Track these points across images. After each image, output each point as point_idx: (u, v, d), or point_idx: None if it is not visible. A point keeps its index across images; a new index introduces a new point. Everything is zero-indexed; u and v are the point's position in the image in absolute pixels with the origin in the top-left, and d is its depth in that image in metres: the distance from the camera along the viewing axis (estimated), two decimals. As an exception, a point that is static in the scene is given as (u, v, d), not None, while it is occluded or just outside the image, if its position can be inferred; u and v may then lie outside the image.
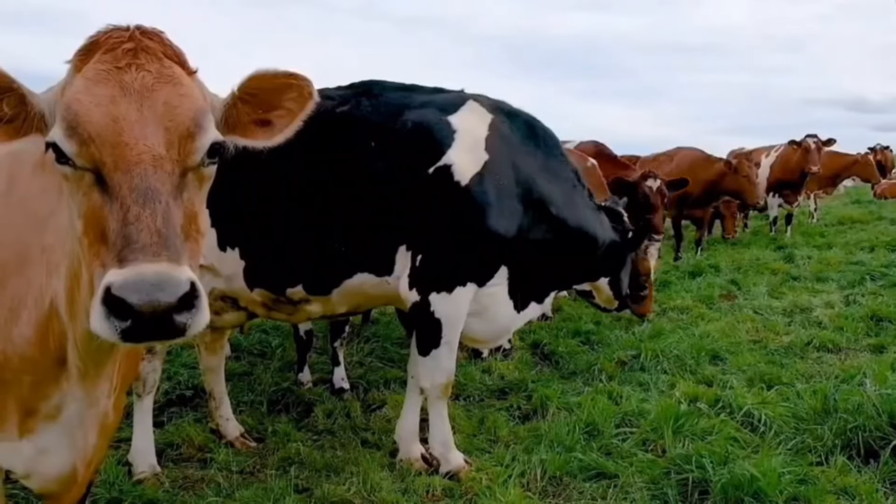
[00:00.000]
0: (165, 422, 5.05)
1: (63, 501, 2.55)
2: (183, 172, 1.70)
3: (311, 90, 1.95)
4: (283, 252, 4.05)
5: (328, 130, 4.09)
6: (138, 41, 1.75)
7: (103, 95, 1.68)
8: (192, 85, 1.80)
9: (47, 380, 2.17)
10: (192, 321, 1.53)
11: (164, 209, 1.58)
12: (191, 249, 1.67)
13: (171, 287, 1.48)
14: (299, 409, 5.38)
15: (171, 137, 1.67)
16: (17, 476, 2.39)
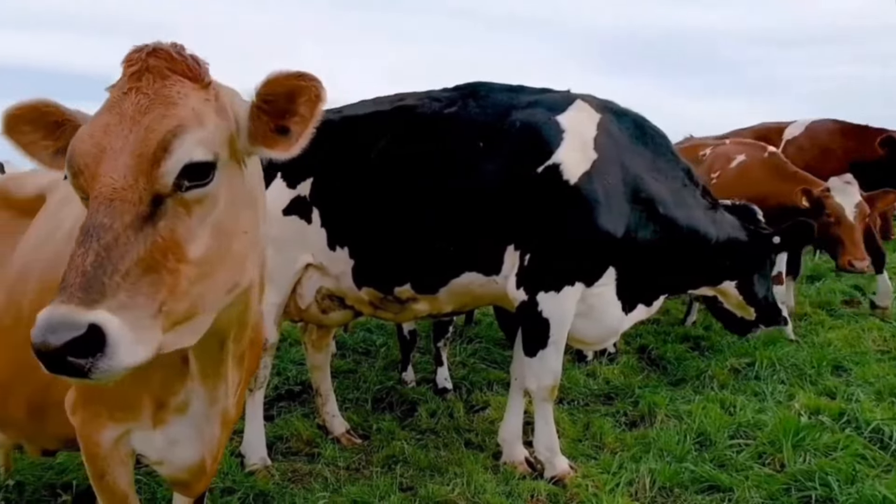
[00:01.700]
0: (275, 416, 5.20)
1: (193, 491, 2.69)
2: (156, 200, 1.62)
3: (318, 92, 1.80)
4: (391, 251, 4.08)
5: (436, 131, 4.10)
6: (143, 62, 1.72)
7: (99, 125, 1.69)
8: (189, 103, 1.70)
9: (174, 376, 2.28)
10: (93, 365, 1.46)
11: (104, 246, 1.53)
12: (157, 281, 1.57)
13: (61, 331, 1.43)
14: (403, 408, 5.42)
15: (141, 165, 1.61)
16: (151, 462, 2.52)
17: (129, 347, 1.50)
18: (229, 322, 2.03)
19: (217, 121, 1.75)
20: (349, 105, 4.58)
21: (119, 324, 1.48)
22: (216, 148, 1.72)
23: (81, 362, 1.45)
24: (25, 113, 1.87)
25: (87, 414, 2.42)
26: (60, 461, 4.15)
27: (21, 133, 1.87)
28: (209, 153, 1.69)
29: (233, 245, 1.77)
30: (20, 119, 1.87)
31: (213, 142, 1.71)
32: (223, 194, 1.74)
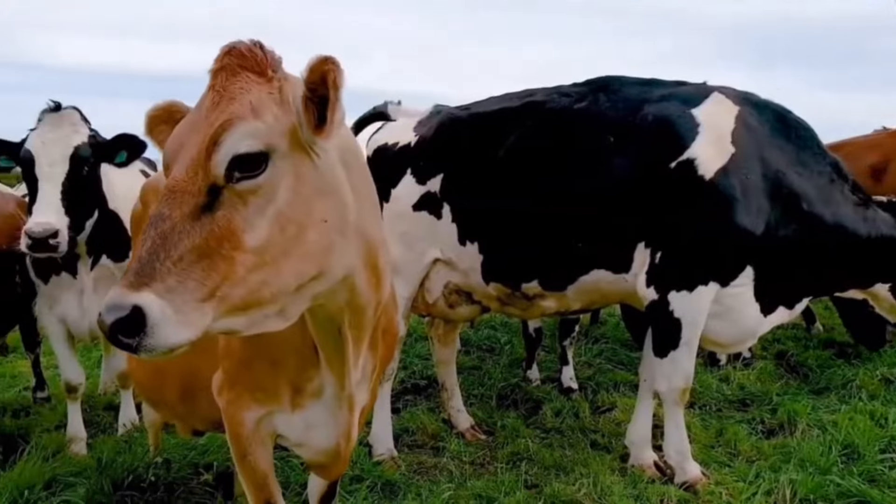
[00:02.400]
0: (401, 409, 5.30)
1: (331, 473, 2.79)
2: (213, 191, 1.69)
3: (334, 77, 1.74)
4: (520, 247, 4.07)
5: (565, 127, 4.06)
6: (220, 61, 1.81)
7: (186, 123, 1.83)
8: (248, 97, 1.76)
9: (307, 363, 2.37)
10: (138, 343, 1.56)
11: (160, 234, 1.62)
12: (210, 267, 1.64)
13: (111, 311, 1.55)
14: (527, 406, 5.39)
15: (200, 157, 1.70)
16: (291, 444, 2.62)
17: (172, 328, 1.57)
18: (339, 309, 2.07)
19: (278, 113, 1.78)
20: (477, 102, 4.61)
21: (161, 306, 1.56)
22: (271, 139, 1.75)
23: (129, 341, 1.55)
24: (160, 114, 2.07)
25: (232, 396, 2.54)
26: (203, 442, 4.40)
27: (159, 132, 2.06)
28: (259, 145, 1.73)
29: (306, 235, 1.80)
30: (156, 120, 2.08)
31: (266, 134, 1.74)
32: (285, 185, 1.77)
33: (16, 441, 4.89)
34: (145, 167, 5.60)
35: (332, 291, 1.97)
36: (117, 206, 4.60)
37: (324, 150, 1.84)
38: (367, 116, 5.11)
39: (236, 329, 1.78)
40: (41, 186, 4.02)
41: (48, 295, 4.75)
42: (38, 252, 3.96)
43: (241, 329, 1.79)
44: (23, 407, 5.99)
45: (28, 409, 5.93)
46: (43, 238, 3.87)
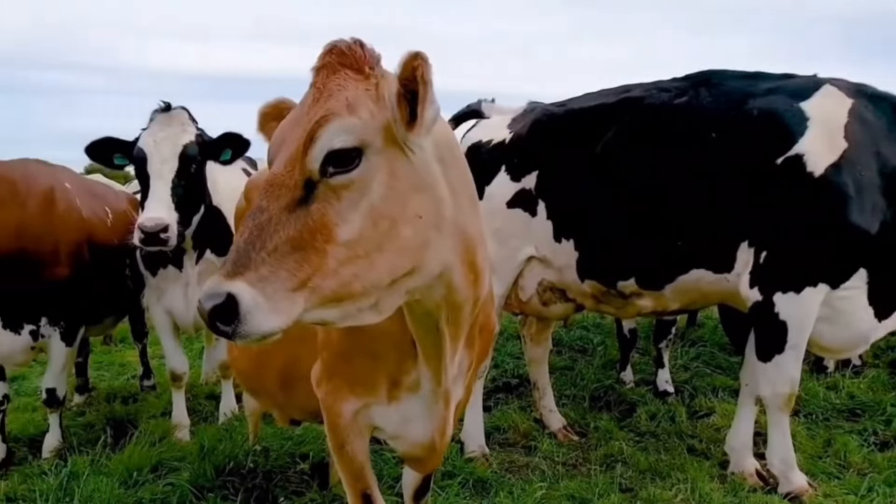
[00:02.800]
0: (492, 407, 5.29)
1: (426, 467, 2.82)
2: (309, 185, 1.72)
3: (423, 72, 1.73)
4: (617, 244, 3.99)
5: (664, 122, 3.95)
6: (322, 59, 1.84)
7: (288, 120, 1.89)
8: (344, 94, 1.78)
9: (406, 356, 2.38)
10: (233, 329, 1.61)
11: (258, 225, 1.67)
12: (302, 259, 1.68)
13: (209, 298, 1.60)
14: (621, 408, 5.29)
15: (297, 153, 1.74)
16: (387, 437, 2.65)
17: (264, 315, 1.62)
18: (436, 305, 2.07)
19: (373, 109, 1.79)
20: (573, 98, 4.55)
21: (253, 294, 1.61)
22: (366, 136, 1.76)
23: (225, 327, 1.60)
24: (270, 111, 2.16)
25: (330, 387, 2.59)
26: (299, 433, 4.51)
27: (269, 128, 2.09)
28: (353, 140, 1.74)
29: (400, 230, 1.80)
30: (267, 116, 2.16)
31: (361, 130, 1.76)
32: (379, 180, 1.78)
33: (125, 426, 5.15)
34: (246, 166, 5.78)
35: (428, 287, 1.97)
36: (220, 202, 4.77)
37: (419, 147, 1.84)
38: (461, 114, 5.12)
39: (330, 320, 1.81)
40: (152, 183, 4.21)
41: (156, 287, 4.97)
42: (150, 246, 4.14)
43: (334, 321, 1.82)
44: (131, 394, 6.31)
45: (136, 397, 6.24)
46: (154, 232, 4.05)
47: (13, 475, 4.41)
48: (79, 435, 5.04)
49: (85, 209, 4.82)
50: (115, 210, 5.31)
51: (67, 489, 3.92)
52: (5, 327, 4.48)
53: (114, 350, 8.10)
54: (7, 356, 4.58)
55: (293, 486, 3.98)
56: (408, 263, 1.84)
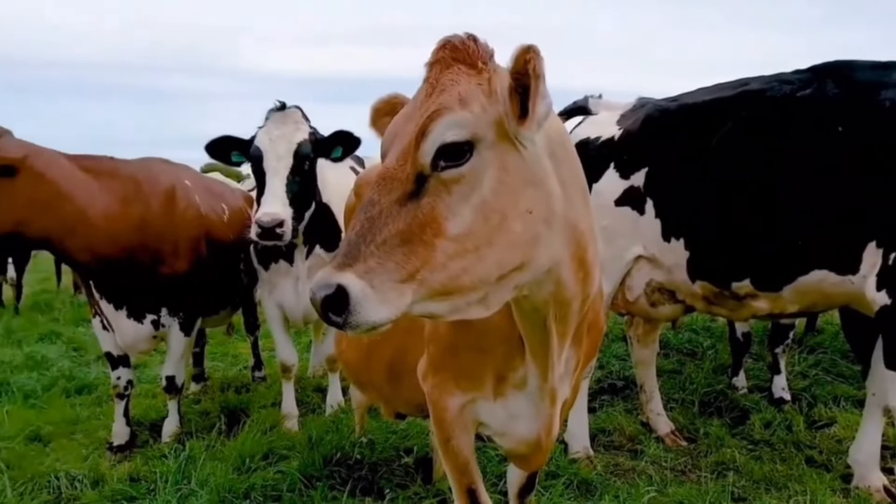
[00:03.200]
0: (597, 408, 5.20)
1: (531, 464, 2.79)
2: (420, 179, 1.74)
3: (535, 65, 1.71)
4: (731, 244, 3.83)
5: (786, 116, 3.76)
6: (435, 54, 1.85)
7: (401, 115, 1.91)
8: (457, 88, 1.78)
9: (513, 353, 2.36)
10: (343, 320, 1.64)
11: (369, 218, 1.70)
12: (411, 252, 1.69)
13: (320, 289, 1.63)
14: (733, 415, 5.08)
15: (408, 148, 1.75)
16: (492, 433, 2.64)
17: (373, 307, 1.64)
18: (544, 301, 2.04)
19: (485, 103, 1.78)
20: (686, 93, 4.40)
21: (362, 286, 1.63)
22: (477, 130, 1.75)
23: (336, 318, 1.64)
24: (383, 107, 2.22)
25: (437, 381, 2.60)
26: (403, 427, 4.56)
27: (382, 124, 2.14)
28: (465, 134, 1.74)
29: (510, 225, 1.78)
30: (380, 112, 2.22)
31: (473, 124, 1.75)
32: (490, 174, 1.77)
33: (238, 414, 5.36)
34: (354, 164, 5.90)
35: (537, 283, 1.95)
36: (329, 199, 4.89)
37: (530, 142, 1.83)
38: (566, 111, 5.05)
39: (438, 314, 1.82)
40: (268, 180, 4.36)
41: (268, 281, 5.15)
42: (266, 240, 4.28)
43: (442, 314, 1.82)
44: (243, 384, 6.56)
45: (248, 387, 6.48)
46: (271, 227, 4.19)
47: (136, 457, 4.66)
48: (195, 421, 5.28)
49: (204, 206, 5.04)
50: (232, 207, 5.54)
51: (185, 472, 4.10)
52: (129, 317, 4.74)
53: (227, 341, 8.44)
54: (131, 344, 4.85)
55: (398, 479, 4.03)
56: (517, 258, 1.82)
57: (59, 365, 7.19)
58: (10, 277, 12.16)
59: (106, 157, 4.69)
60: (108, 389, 5.59)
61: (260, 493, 3.82)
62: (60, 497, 4.04)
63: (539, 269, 1.90)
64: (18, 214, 4.11)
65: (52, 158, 4.31)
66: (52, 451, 4.75)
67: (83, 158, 4.56)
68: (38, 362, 7.28)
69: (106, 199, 4.40)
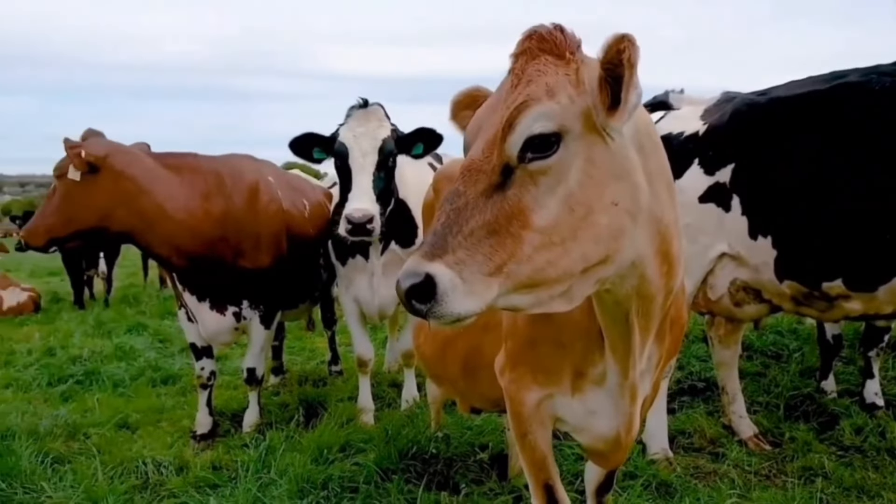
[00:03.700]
0: (676, 409, 5.08)
1: (609, 462, 2.75)
2: (506, 170, 1.72)
3: (630, 54, 1.67)
4: (823, 242, 3.67)
5: (887, 109, 3.58)
6: (521, 45, 1.83)
7: (485, 106, 1.90)
8: (544, 79, 1.76)
9: (593, 347, 2.33)
10: (428, 309, 1.62)
11: (455, 209, 1.69)
12: (498, 244, 1.68)
13: (408, 277, 1.62)
14: (821, 419, 4.87)
15: (496, 138, 1.74)
16: (570, 429, 2.61)
17: (460, 298, 1.63)
18: (627, 295, 2.01)
19: (573, 94, 1.75)
20: (776, 87, 4.24)
21: (450, 276, 1.62)
22: (565, 121, 1.73)
23: (421, 307, 1.63)
24: (463, 100, 2.20)
25: (514, 375, 2.58)
26: (478, 423, 4.56)
27: (462, 117, 2.15)
28: (553, 126, 1.72)
29: (596, 218, 1.75)
30: (460, 105, 2.20)
31: (560, 115, 1.73)
32: (577, 166, 1.74)
33: (316, 407, 5.45)
34: (432, 160, 5.93)
35: (621, 277, 1.92)
36: (407, 195, 4.92)
37: (618, 134, 1.80)
38: (647, 106, 4.94)
39: (521, 307, 1.80)
40: (355, 176, 4.41)
41: (345, 276, 5.22)
42: (356, 236, 4.33)
43: (525, 307, 1.81)
44: (320, 378, 6.69)
45: (324, 380, 6.60)
46: (361, 223, 4.24)
47: (218, 446, 4.80)
48: (275, 413, 5.41)
49: (285, 201, 5.15)
50: (312, 202, 5.64)
51: (265, 462, 4.20)
52: (212, 308, 4.88)
53: (304, 336, 8.61)
54: (214, 335, 5.00)
55: (473, 475, 4.02)
56: (602, 252, 1.80)
57: (146, 356, 7.49)
58: (101, 271, 12.73)
59: (189, 154, 4.85)
60: (192, 380, 5.78)
61: (337, 485, 3.87)
62: (147, 482, 4.18)
63: (623, 262, 1.87)
64: (101, 209, 4.38)
65: (133, 156, 4.51)
66: (139, 438, 4.94)
67: (167, 156, 4.74)
68: (126, 353, 7.60)
69: (186, 194, 4.56)
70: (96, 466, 4.22)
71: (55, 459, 4.40)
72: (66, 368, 6.97)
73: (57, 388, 6.37)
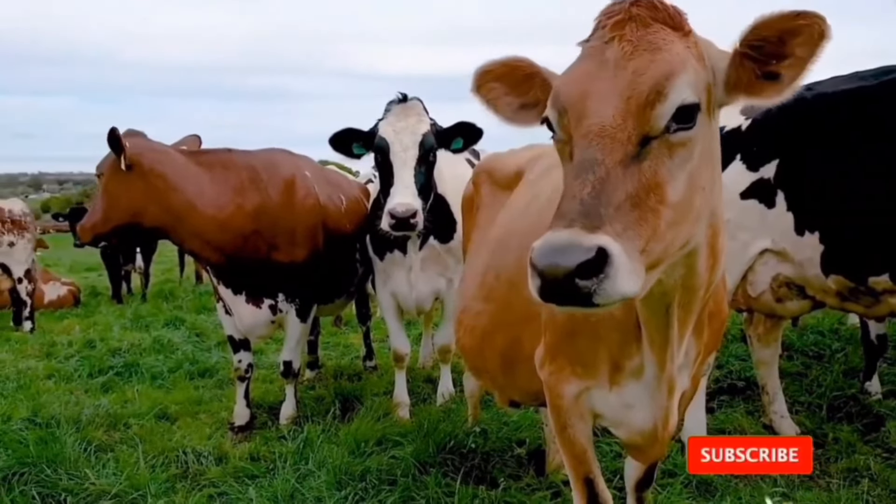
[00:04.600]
0: (715, 409, 5.01)
1: (647, 456, 2.73)
2: (643, 141, 1.61)
3: (822, 28, 1.62)
4: (871, 235, 3.59)
5: None
6: (626, 12, 1.73)
7: (582, 71, 1.73)
8: (677, 48, 1.68)
9: (630, 340, 2.30)
10: (597, 288, 1.44)
11: (599, 179, 1.54)
12: (638, 218, 1.55)
13: (571, 253, 1.43)
14: (865, 421, 4.77)
15: (630, 107, 1.61)
16: (608, 424, 2.60)
17: (627, 275, 1.48)
18: (673, 285, 1.96)
19: (698, 68, 1.71)
20: (821, 82, 4.15)
21: (620, 249, 1.48)
22: (700, 93, 1.69)
23: (588, 284, 1.44)
24: (495, 69, 2.02)
25: (553, 368, 2.57)
26: (516, 419, 4.55)
27: (488, 90, 2.03)
28: (696, 97, 1.67)
29: (694, 198, 1.70)
30: (489, 76, 2.02)
31: (698, 86, 1.69)
32: (698, 142, 1.70)
33: (352, 401, 5.48)
34: (470, 156, 5.92)
35: (672, 266, 1.84)
36: (445, 190, 4.91)
37: (716, 115, 1.78)
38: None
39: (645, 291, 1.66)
40: (397, 171, 4.41)
41: (383, 271, 5.23)
42: (400, 230, 4.34)
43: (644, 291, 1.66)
44: (355, 373, 6.71)
45: (360, 375, 6.62)
46: (405, 218, 4.24)
47: (256, 437, 4.85)
48: (311, 406, 5.44)
49: (322, 196, 5.18)
50: (349, 197, 5.66)
51: (303, 453, 4.23)
52: (248, 302, 4.93)
53: (338, 332, 8.66)
54: (250, 328, 5.04)
55: (510, 470, 4.01)
56: (690, 234, 1.75)
57: (183, 349, 7.58)
58: (138, 266, 12.92)
59: (223, 150, 4.91)
60: (229, 373, 5.85)
61: (375, 477, 3.88)
62: (188, 471, 4.24)
63: (686, 250, 1.81)
64: (135, 206, 4.50)
65: (165, 154, 4.61)
66: (179, 429, 5.00)
67: (199, 153, 4.82)
68: (164, 346, 7.70)
69: (216, 190, 4.63)
70: (138, 455, 4.28)
71: (97, 448, 4.48)
72: (106, 360, 7.09)
73: (97, 380, 6.48)
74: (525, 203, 3.11)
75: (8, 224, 9.56)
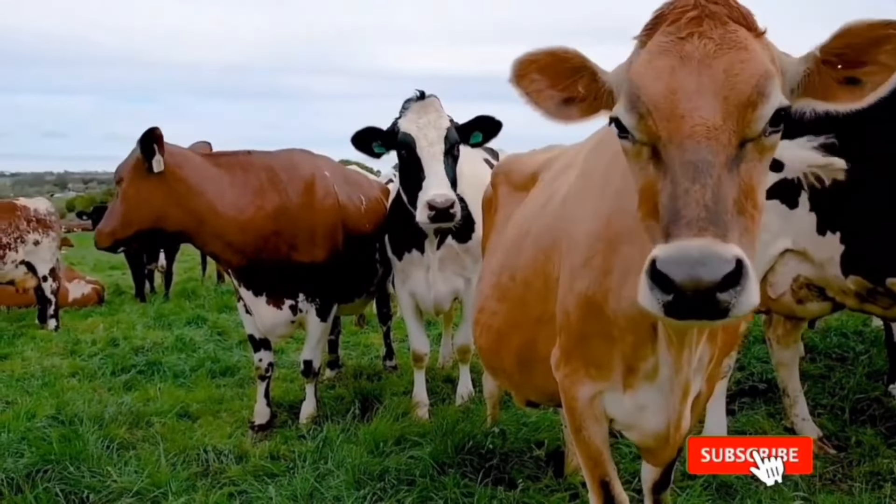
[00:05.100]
0: (736, 411, 4.97)
1: (658, 458, 2.71)
2: (741, 143, 1.58)
3: None
4: (888, 236, 3.55)
5: None
6: (702, 8, 1.68)
7: (663, 68, 1.65)
8: (758, 48, 1.65)
9: (644, 341, 2.29)
10: (735, 301, 1.40)
11: (715, 183, 1.48)
12: (743, 225, 1.52)
13: (715, 264, 1.38)
14: (889, 424, 4.71)
15: (729, 107, 1.56)
16: (620, 427, 2.59)
17: (755, 285, 1.44)
18: None
19: (773, 71, 1.68)
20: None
21: (747, 260, 1.44)
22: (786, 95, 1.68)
23: (727, 297, 1.40)
24: (540, 59, 1.87)
25: (568, 370, 2.57)
26: (534, 420, 4.54)
27: (529, 81, 1.90)
28: (787, 99, 1.65)
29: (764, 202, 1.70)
30: (532, 66, 1.88)
31: (784, 89, 1.68)
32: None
33: (371, 401, 5.49)
34: (488, 156, 5.91)
35: None
36: (464, 190, 4.90)
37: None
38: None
39: None
40: (427, 164, 4.40)
41: (401, 271, 5.24)
42: (439, 222, 4.31)
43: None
44: (375, 372, 6.73)
45: (379, 375, 6.64)
46: (445, 208, 4.23)
47: (276, 436, 4.88)
48: (330, 405, 5.47)
49: (342, 195, 5.20)
50: (369, 197, 5.68)
51: (322, 452, 4.26)
52: (268, 303, 4.96)
53: (359, 332, 8.68)
54: (271, 329, 5.07)
55: (528, 471, 4.01)
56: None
57: (205, 348, 7.64)
58: (160, 265, 13.05)
59: (243, 152, 4.94)
60: (250, 372, 5.90)
61: (394, 477, 3.89)
62: (208, 469, 4.28)
63: None
64: (156, 210, 4.54)
65: (184, 157, 4.64)
66: (200, 427, 5.05)
67: (219, 155, 4.85)
68: (186, 344, 7.77)
69: (236, 192, 4.66)
70: (159, 453, 4.33)
71: (120, 445, 4.53)
72: (128, 359, 7.17)
73: (120, 378, 6.56)
74: (540, 204, 3.11)
75: (33, 223, 9.70)
